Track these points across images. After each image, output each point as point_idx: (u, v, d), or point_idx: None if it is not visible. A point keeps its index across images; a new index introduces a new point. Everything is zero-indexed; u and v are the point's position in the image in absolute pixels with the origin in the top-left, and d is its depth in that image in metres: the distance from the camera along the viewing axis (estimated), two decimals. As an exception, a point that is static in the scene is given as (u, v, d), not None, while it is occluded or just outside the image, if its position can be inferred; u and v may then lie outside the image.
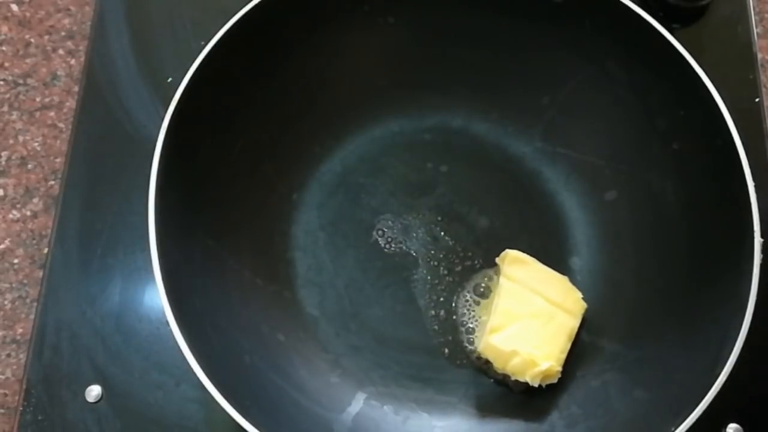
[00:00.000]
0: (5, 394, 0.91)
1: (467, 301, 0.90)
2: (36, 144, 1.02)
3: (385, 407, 0.84)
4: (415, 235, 0.93)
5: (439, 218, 0.94)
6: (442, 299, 0.90)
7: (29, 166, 1.01)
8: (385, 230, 0.93)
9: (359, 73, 0.92)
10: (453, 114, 0.96)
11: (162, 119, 0.76)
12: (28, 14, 1.11)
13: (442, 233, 0.93)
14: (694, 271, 0.81)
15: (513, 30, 0.88)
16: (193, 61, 0.78)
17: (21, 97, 1.05)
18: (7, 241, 0.97)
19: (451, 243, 0.93)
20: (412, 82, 0.93)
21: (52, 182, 1.00)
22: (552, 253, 0.90)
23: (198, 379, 0.67)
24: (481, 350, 0.84)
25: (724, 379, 0.68)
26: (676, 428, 0.68)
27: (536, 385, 0.82)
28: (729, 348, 0.69)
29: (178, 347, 0.68)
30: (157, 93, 0.97)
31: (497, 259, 0.89)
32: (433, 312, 0.89)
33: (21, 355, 0.92)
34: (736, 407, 0.84)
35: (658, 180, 0.86)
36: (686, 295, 0.81)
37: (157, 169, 0.74)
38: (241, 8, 0.80)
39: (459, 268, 0.91)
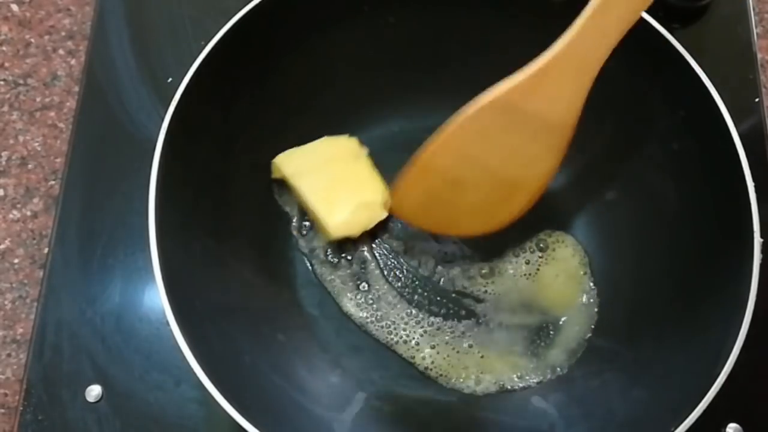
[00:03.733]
0: (5, 394, 0.91)
1: (467, 299, 0.90)
2: (36, 144, 1.02)
3: (385, 407, 0.84)
4: (414, 234, 0.93)
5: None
6: (440, 298, 0.90)
7: (29, 166, 1.01)
8: (385, 229, 0.93)
9: (359, 73, 0.92)
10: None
11: (162, 119, 0.76)
12: (28, 14, 1.11)
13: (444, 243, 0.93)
14: (693, 271, 0.81)
15: (513, 30, 0.88)
16: (193, 61, 0.78)
17: (21, 97, 1.05)
18: (7, 241, 0.97)
19: (450, 242, 0.93)
20: (412, 82, 0.93)
21: (52, 182, 1.00)
22: (552, 253, 0.90)
23: (198, 379, 0.67)
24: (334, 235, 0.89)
25: (724, 379, 0.68)
26: (676, 428, 0.68)
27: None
28: (729, 348, 0.69)
29: (178, 347, 0.68)
30: (157, 93, 0.97)
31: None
32: (433, 310, 0.90)
33: (21, 355, 0.92)
34: (736, 407, 0.84)
35: (658, 180, 0.86)
36: (686, 295, 0.81)
37: (157, 169, 0.74)
38: (241, 8, 0.80)
39: (458, 268, 0.91)
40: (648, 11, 0.79)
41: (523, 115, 0.77)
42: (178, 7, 1.05)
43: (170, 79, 0.95)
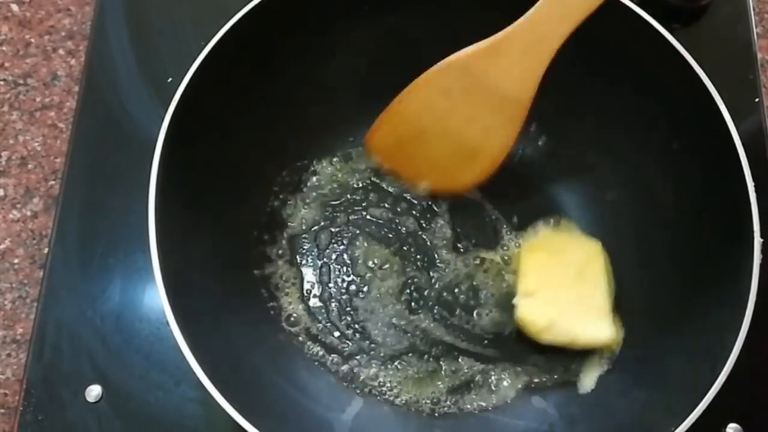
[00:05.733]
0: (5, 394, 0.91)
1: (468, 299, 0.90)
2: (36, 144, 1.02)
3: (385, 407, 0.84)
4: (415, 235, 0.93)
5: (440, 219, 0.94)
6: (443, 297, 0.90)
7: (29, 166, 1.01)
8: (387, 230, 0.93)
9: (359, 72, 0.92)
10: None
11: (162, 119, 0.76)
12: (28, 14, 1.11)
13: (444, 233, 0.93)
14: (694, 271, 0.81)
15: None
16: (193, 61, 0.78)
17: (21, 97, 1.05)
18: (7, 241, 0.97)
19: (452, 243, 0.93)
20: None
21: (52, 182, 1.00)
22: (552, 253, 0.90)
23: (198, 379, 0.67)
24: (519, 318, 0.87)
25: (724, 379, 0.68)
26: (676, 428, 0.68)
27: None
28: (729, 348, 0.69)
29: (178, 347, 0.68)
30: (157, 93, 0.98)
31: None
32: (434, 311, 0.90)
33: (21, 355, 0.92)
34: (736, 407, 0.84)
35: (658, 180, 0.86)
36: (686, 295, 0.81)
37: (157, 169, 0.74)
38: (241, 8, 0.80)
39: (460, 268, 0.91)
40: (648, 11, 0.79)
41: (482, 80, 0.82)
42: (178, 7, 1.05)
43: (170, 79, 0.95)
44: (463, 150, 0.87)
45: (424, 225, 0.94)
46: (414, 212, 0.94)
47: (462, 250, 0.92)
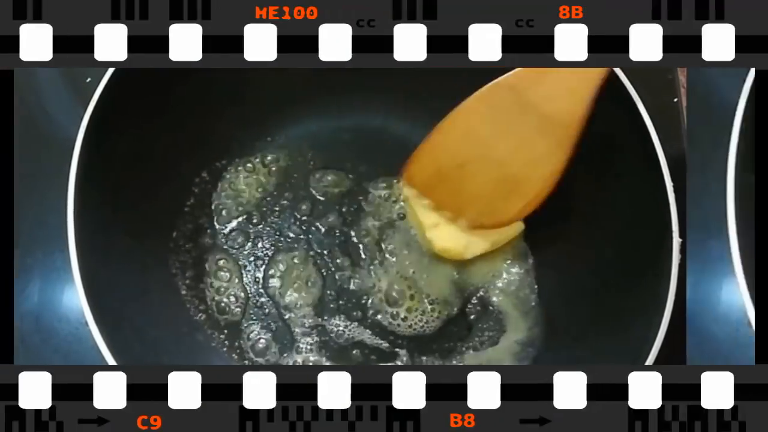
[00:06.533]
0: None
1: (391, 297, 0.90)
2: (-49, 143, 1.01)
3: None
4: (337, 232, 0.93)
5: (363, 216, 0.94)
6: (366, 294, 0.91)
7: (-57, 166, 0.99)
8: (306, 229, 0.93)
9: (279, 73, 0.92)
10: (372, 114, 0.97)
11: (81, 119, 0.75)
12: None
13: (368, 229, 0.93)
14: (618, 271, 0.82)
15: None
16: (113, 61, 0.77)
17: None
18: None
19: (375, 240, 0.93)
20: (330, 83, 0.92)
21: (-32, 182, 0.98)
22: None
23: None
24: (440, 249, 0.90)
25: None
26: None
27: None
28: (648, 347, 0.70)
29: (98, 347, 0.68)
30: (76, 93, 0.97)
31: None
32: (356, 313, 0.90)
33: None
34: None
35: (579, 181, 0.87)
36: (612, 295, 0.82)
37: (75, 168, 0.74)
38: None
39: (384, 263, 0.92)
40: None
41: (528, 103, 0.79)
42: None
43: (89, 79, 0.94)
44: (508, 181, 0.84)
45: (348, 220, 0.94)
46: (340, 208, 0.94)
47: (385, 246, 0.93)
